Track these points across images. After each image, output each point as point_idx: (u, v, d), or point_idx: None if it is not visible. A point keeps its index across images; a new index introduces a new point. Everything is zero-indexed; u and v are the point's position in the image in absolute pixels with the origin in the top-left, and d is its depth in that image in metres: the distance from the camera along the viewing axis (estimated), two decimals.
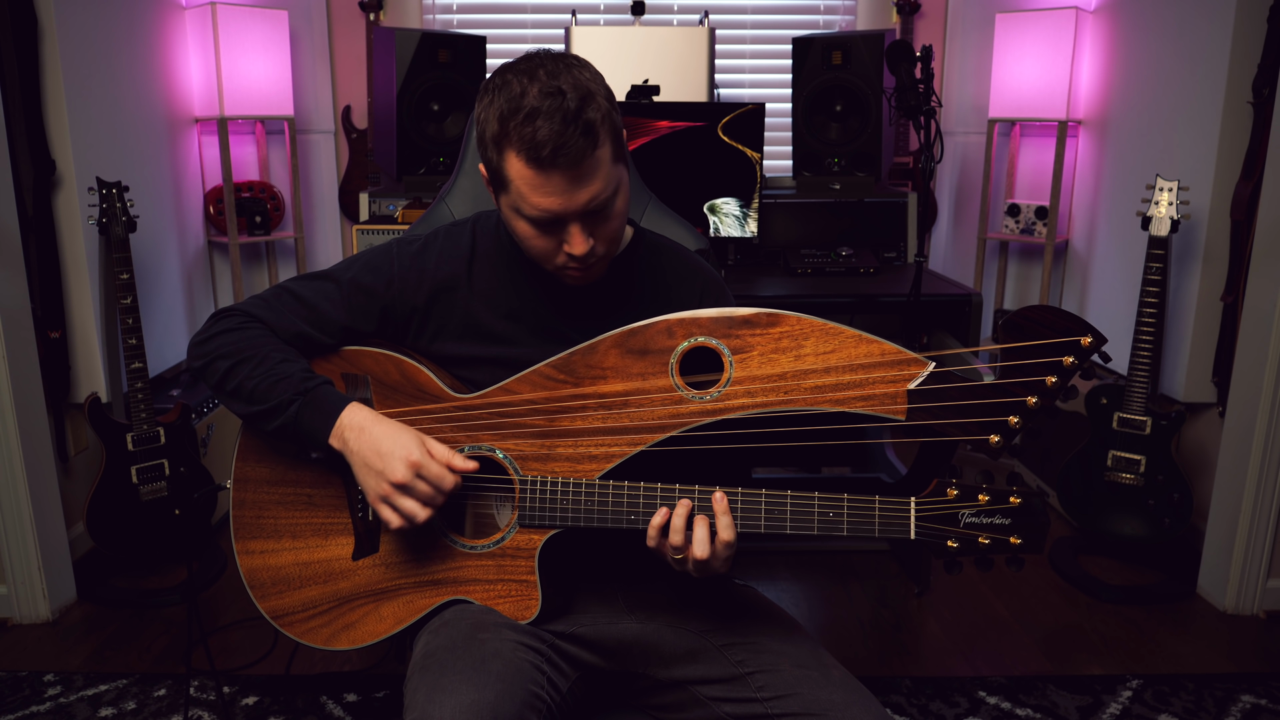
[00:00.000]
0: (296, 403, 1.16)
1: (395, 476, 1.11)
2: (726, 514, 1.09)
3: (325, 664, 2.12)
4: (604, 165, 1.11)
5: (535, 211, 1.11)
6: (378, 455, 1.13)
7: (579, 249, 1.13)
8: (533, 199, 1.10)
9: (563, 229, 1.13)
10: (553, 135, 1.06)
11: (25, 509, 2.24)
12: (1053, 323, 1.05)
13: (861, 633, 2.29)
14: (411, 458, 1.11)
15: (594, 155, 1.09)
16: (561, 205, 1.10)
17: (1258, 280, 2.26)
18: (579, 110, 1.07)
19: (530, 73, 1.09)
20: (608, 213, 1.14)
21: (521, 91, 1.08)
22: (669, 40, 2.82)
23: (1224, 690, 2.05)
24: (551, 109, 1.06)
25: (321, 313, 1.24)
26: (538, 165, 1.07)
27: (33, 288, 2.31)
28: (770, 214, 2.87)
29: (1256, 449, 2.28)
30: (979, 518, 1.06)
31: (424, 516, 1.13)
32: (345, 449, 1.15)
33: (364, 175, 3.34)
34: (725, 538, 1.09)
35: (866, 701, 1.11)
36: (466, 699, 1.01)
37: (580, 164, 1.08)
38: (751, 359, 1.11)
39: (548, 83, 1.08)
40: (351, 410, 1.16)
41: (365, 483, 1.15)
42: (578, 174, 1.08)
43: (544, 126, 1.06)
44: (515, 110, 1.07)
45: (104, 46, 2.56)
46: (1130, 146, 2.79)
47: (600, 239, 1.16)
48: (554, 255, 1.16)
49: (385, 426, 1.15)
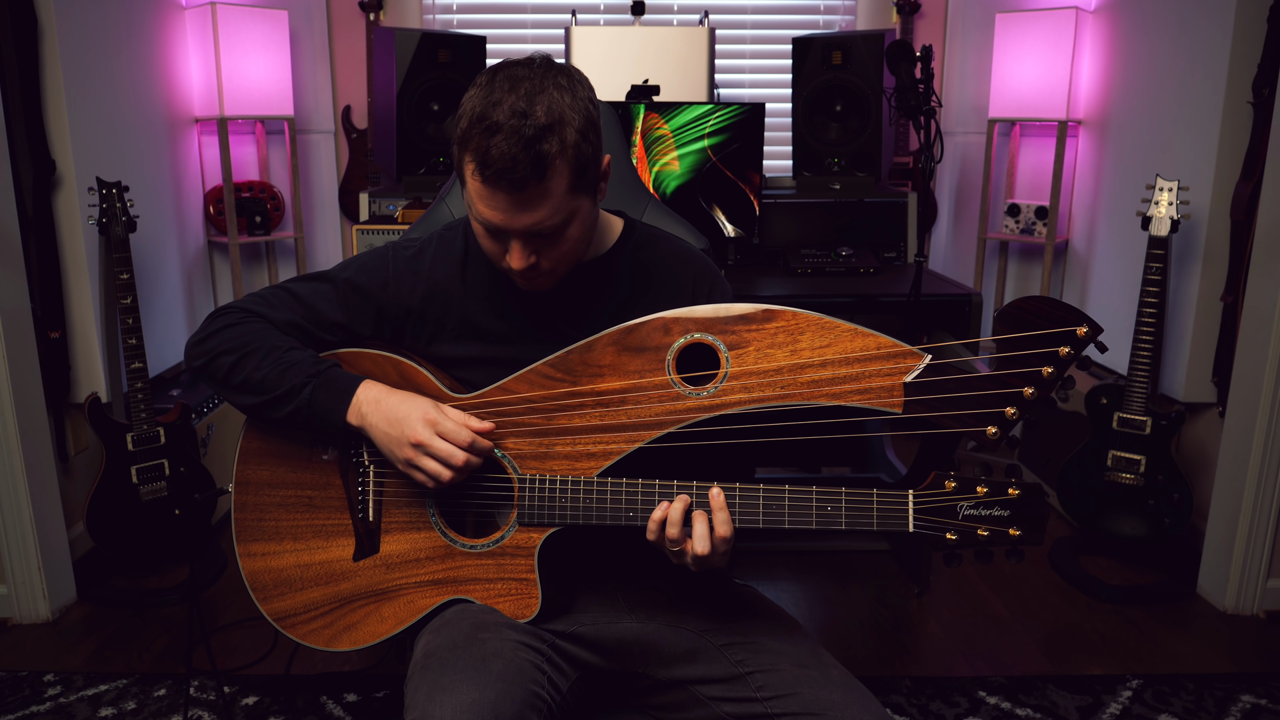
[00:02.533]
0: (310, 385, 1.18)
1: (414, 436, 1.13)
2: (724, 509, 1.10)
3: (325, 664, 2.12)
4: (553, 196, 1.10)
5: (480, 218, 1.13)
6: (395, 421, 1.15)
7: (515, 264, 1.14)
8: (478, 205, 1.11)
9: (506, 240, 1.14)
10: (501, 156, 1.05)
11: (25, 509, 2.24)
12: (1048, 313, 1.04)
13: (861, 633, 2.29)
14: (428, 416, 1.14)
15: (540, 186, 1.08)
16: (503, 222, 1.11)
17: (1258, 280, 2.26)
18: (535, 139, 1.06)
19: (515, 83, 1.09)
20: (556, 238, 1.14)
21: (497, 100, 1.07)
22: (669, 40, 2.82)
23: (1224, 690, 2.04)
24: (511, 129, 1.05)
25: (318, 311, 1.25)
26: (483, 180, 1.08)
27: (33, 288, 2.31)
28: (770, 214, 2.87)
29: (1256, 449, 2.28)
30: (977, 510, 1.06)
31: (448, 476, 1.14)
32: (364, 424, 1.17)
33: (364, 175, 3.34)
34: (722, 533, 1.09)
35: (866, 701, 1.11)
36: (467, 698, 1.01)
37: (522, 190, 1.07)
38: (748, 354, 1.11)
39: (522, 100, 1.07)
40: (366, 386, 1.18)
41: (389, 451, 1.16)
42: (520, 199, 1.08)
43: (498, 144, 1.05)
44: (483, 117, 1.07)
45: (104, 46, 2.56)
46: (1130, 146, 2.79)
47: (546, 258, 1.16)
48: (500, 259, 1.18)
49: (399, 395, 1.17)
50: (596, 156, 1.14)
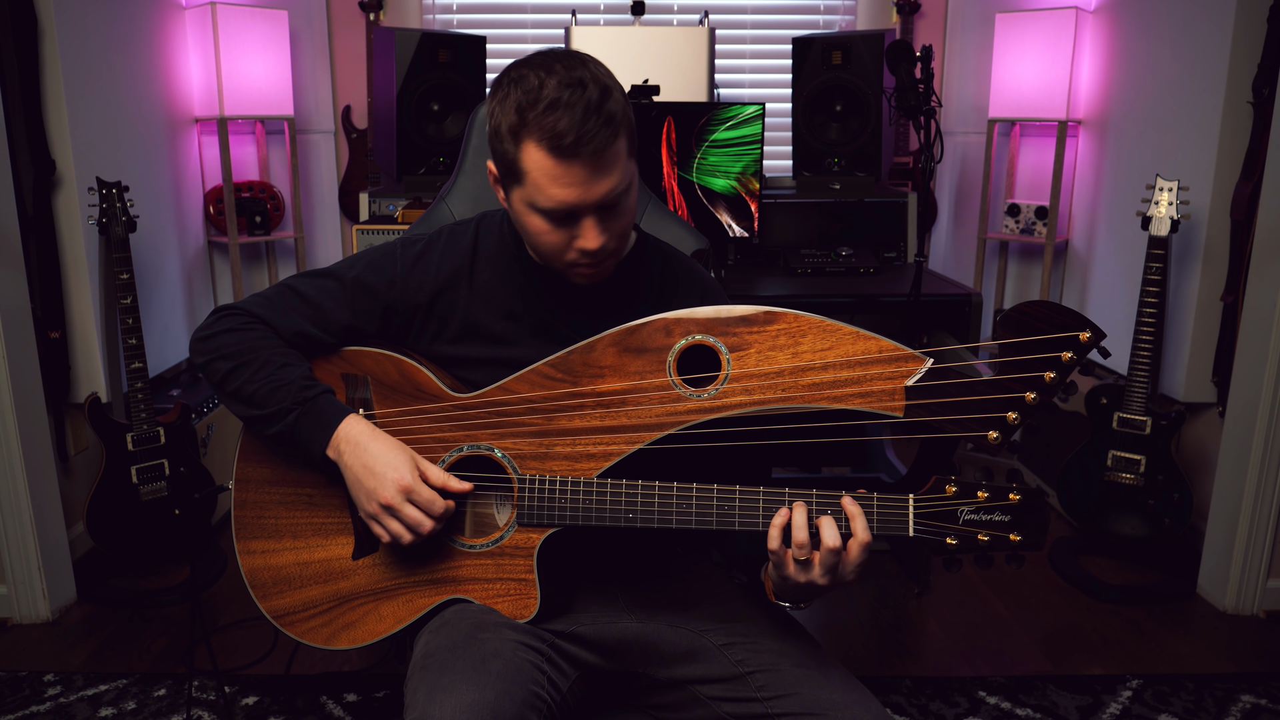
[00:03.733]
0: (295, 412, 1.17)
1: (383, 498, 1.12)
2: (860, 516, 1.04)
3: (325, 664, 2.12)
4: (622, 158, 1.11)
5: (551, 203, 1.11)
6: (370, 473, 1.13)
7: (593, 243, 1.13)
8: (550, 190, 1.10)
9: (576, 224, 1.13)
10: (574, 124, 1.06)
11: (25, 509, 2.24)
12: (1050, 318, 1.04)
13: (861, 633, 2.29)
14: (403, 481, 1.12)
15: (614, 147, 1.09)
16: (579, 196, 1.10)
17: (1258, 280, 2.26)
18: (600, 101, 1.07)
19: (546, 67, 1.09)
20: (621, 207, 1.14)
21: (540, 84, 1.08)
22: (669, 40, 2.82)
23: (1224, 690, 2.04)
24: (573, 100, 1.06)
25: (325, 312, 1.24)
26: (559, 154, 1.07)
27: (33, 288, 2.31)
28: (770, 214, 2.87)
29: (1256, 449, 2.28)
30: (978, 514, 1.06)
31: (408, 540, 1.13)
32: (340, 461, 1.16)
33: (364, 175, 3.34)
34: (863, 539, 1.04)
35: (866, 701, 1.11)
36: (467, 698, 1.01)
37: (602, 154, 1.08)
38: (749, 356, 1.11)
39: (566, 75, 1.08)
40: (349, 423, 1.16)
41: (356, 498, 1.16)
42: (598, 164, 1.08)
43: (565, 117, 1.06)
44: (535, 101, 1.07)
45: (104, 46, 2.56)
46: (1130, 146, 2.79)
47: (612, 234, 1.15)
48: (565, 251, 1.16)
49: (380, 444, 1.15)
50: (634, 123, 1.16)
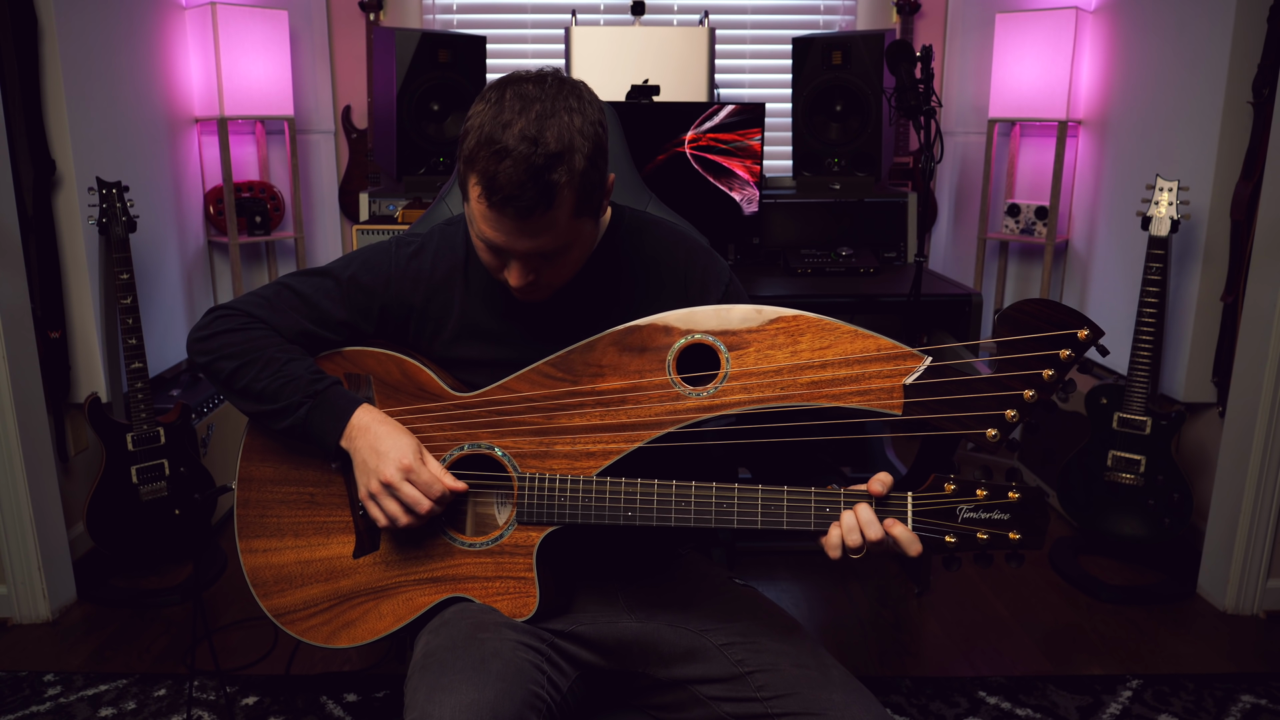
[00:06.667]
0: (306, 405, 1.18)
1: (384, 475, 1.14)
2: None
3: (325, 664, 2.12)
4: (557, 224, 1.09)
5: (481, 236, 1.13)
6: (374, 453, 1.15)
7: (514, 281, 1.15)
8: (480, 225, 1.11)
9: (506, 258, 1.14)
10: (510, 182, 1.04)
11: (25, 509, 2.24)
12: (1049, 316, 1.04)
13: (861, 633, 2.29)
14: (404, 460, 1.14)
15: (545, 215, 1.07)
16: (505, 243, 1.11)
17: (1258, 280, 2.26)
18: (545, 168, 1.04)
19: (527, 103, 1.06)
20: (556, 260, 1.14)
21: (507, 122, 1.05)
22: (669, 40, 2.82)
23: (1224, 690, 2.04)
24: (520, 156, 1.03)
25: (322, 310, 1.25)
26: (489, 203, 1.07)
27: (33, 288, 2.31)
28: (770, 214, 2.87)
29: (1256, 449, 2.28)
30: (977, 513, 1.06)
31: (405, 521, 1.14)
32: (351, 448, 1.18)
33: (364, 175, 3.34)
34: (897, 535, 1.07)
35: (866, 701, 1.11)
36: (467, 698, 1.01)
37: (528, 218, 1.07)
38: (748, 355, 1.11)
39: (533, 125, 1.05)
40: (361, 412, 1.18)
41: (359, 478, 1.17)
42: (524, 226, 1.08)
43: (505, 171, 1.04)
44: (492, 140, 1.05)
45: (104, 46, 2.56)
46: (1130, 146, 2.79)
47: (544, 276, 1.16)
48: (498, 272, 1.17)
49: (388, 428, 1.17)
50: (602, 180, 1.14)
